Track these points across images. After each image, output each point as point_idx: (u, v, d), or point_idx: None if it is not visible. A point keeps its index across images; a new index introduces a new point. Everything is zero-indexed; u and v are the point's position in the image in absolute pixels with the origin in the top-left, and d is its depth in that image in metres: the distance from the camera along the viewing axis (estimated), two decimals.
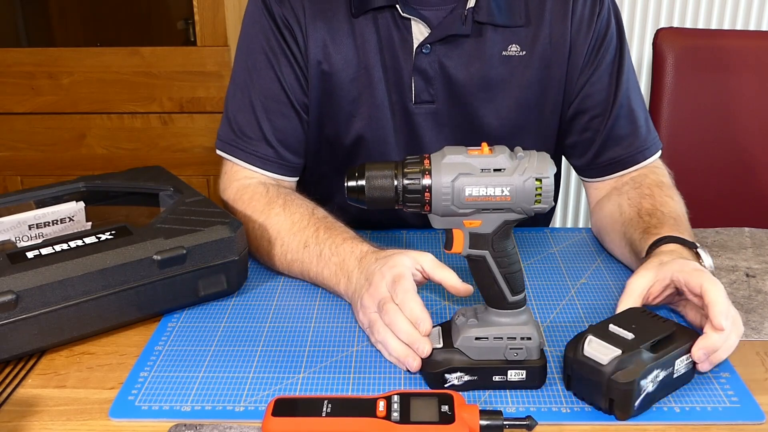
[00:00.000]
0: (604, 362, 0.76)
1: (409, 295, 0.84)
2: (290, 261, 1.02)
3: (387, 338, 0.85)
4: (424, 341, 0.82)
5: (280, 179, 1.15)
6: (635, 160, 1.15)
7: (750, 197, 1.58)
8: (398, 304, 0.84)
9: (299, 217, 1.04)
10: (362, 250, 0.96)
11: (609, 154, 1.15)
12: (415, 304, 0.84)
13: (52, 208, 1.03)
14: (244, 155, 1.13)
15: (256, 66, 1.12)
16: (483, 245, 0.79)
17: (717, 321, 0.80)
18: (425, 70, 1.11)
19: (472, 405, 0.75)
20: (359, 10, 1.10)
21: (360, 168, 0.78)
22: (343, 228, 1.02)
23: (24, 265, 0.86)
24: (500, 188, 0.76)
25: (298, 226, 1.03)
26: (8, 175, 2.17)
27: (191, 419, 0.78)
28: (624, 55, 1.14)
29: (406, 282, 0.85)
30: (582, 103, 1.15)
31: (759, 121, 1.55)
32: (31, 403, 0.81)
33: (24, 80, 2.06)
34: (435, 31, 1.09)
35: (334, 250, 0.98)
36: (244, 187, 1.11)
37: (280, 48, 1.11)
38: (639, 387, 0.76)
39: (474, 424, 0.72)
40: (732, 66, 1.54)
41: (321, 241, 0.99)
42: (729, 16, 2.18)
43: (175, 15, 2.17)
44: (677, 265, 0.88)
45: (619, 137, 1.14)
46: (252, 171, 1.13)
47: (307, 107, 1.14)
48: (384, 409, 0.73)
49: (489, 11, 1.09)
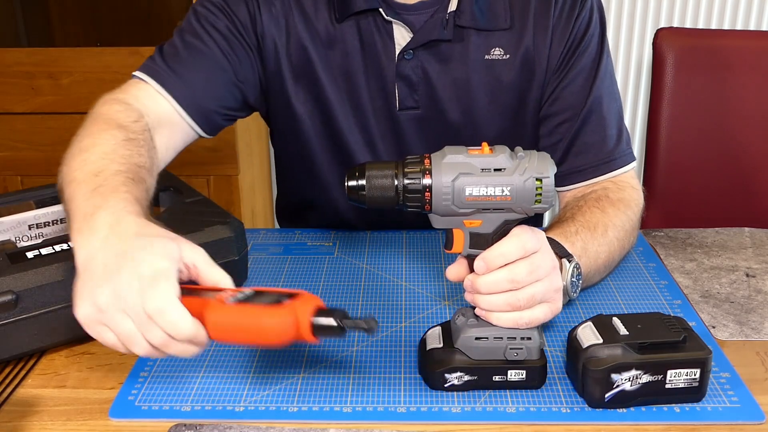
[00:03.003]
0: (584, 346, 0.78)
1: (170, 304, 0.68)
2: (73, 177, 0.84)
3: (133, 339, 0.69)
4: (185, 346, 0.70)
5: (173, 103, 1.04)
6: (599, 170, 1.09)
7: (750, 197, 1.58)
8: (149, 313, 0.68)
9: (128, 153, 0.88)
10: (127, 210, 0.76)
11: (573, 161, 1.11)
12: (179, 316, 0.68)
13: (52, 208, 1.03)
14: (148, 69, 1.06)
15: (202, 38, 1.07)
16: (483, 245, 0.79)
17: (479, 258, 0.78)
18: (408, 76, 1.10)
19: (315, 300, 0.70)
20: (342, 15, 1.08)
21: (360, 168, 0.78)
22: (139, 189, 0.84)
23: (24, 265, 0.86)
24: (500, 188, 0.76)
25: (114, 156, 0.87)
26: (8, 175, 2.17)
27: (191, 419, 0.78)
28: (602, 61, 1.11)
29: (166, 283, 0.68)
30: (551, 106, 1.12)
31: (759, 121, 1.55)
32: (31, 403, 0.81)
33: (24, 80, 2.05)
34: (416, 36, 1.08)
35: (106, 195, 0.78)
36: (124, 102, 1.01)
37: (238, 35, 1.08)
38: (610, 379, 0.76)
39: (304, 316, 0.68)
40: (732, 66, 1.54)
41: (110, 180, 0.81)
42: (729, 16, 2.18)
43: (175, 15, 2.17)
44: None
45: (584, 145, 1.10)
46: (152, 90, 1.04)
47: (244, 90, 1.10)
48: (226, 296, 0.70)
49: (471, 15, 1.07)
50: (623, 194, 1.07)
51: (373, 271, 1.08)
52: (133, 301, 0.68)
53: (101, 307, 0.69)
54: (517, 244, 0.78)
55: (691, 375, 0.78)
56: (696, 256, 1.13)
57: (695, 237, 1.19)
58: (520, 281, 0.78)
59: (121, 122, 0.95)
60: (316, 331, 0.69)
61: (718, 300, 1.00)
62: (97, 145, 0.88)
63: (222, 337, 0.71)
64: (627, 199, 1.06)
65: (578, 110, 1.10)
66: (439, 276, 1.06)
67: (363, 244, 1.16)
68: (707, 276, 1.07)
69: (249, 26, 1.09)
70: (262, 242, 1.18)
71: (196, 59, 1.07)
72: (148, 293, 0.67)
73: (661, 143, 1.55)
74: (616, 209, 1.03)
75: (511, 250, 0.78)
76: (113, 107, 0.99)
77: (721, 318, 0.96)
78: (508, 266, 0.78)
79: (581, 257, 0.92)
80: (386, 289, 1.03)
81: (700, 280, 1.06)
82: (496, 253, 0.78)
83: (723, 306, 0.99)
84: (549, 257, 0.81)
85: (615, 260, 1.02)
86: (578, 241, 0.94)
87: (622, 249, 1.02)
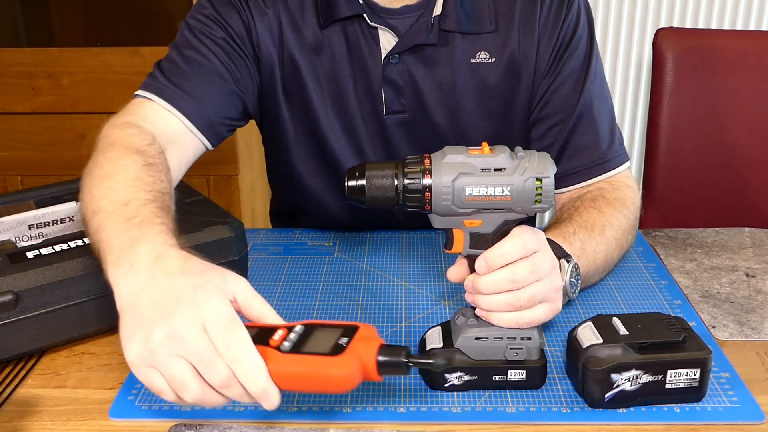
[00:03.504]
0: (584, 346, 0.78)
1: (248, 351, 0.65)
2: (98, 207, 0.80)
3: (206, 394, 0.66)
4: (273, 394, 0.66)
5: (183, 119, 1.03)
6: (593, 172, 1.09)
7: (750, 197, 1.58)
8: (229, 361, 0.64)
9: (151, 180, 0.86)
10: (167, 244, 0.73)
11: (566, 164, 1.11)
12: (258, 367, 0.65)
13: (52, 208, 1.03)
14: (151, 88, 1.04)
15: (199, 50, 1.06)
16: (483, 245, 0.79)
17: (480, 258, 0.78)
18: (395, 81, 1.10)
19: (376, 339, 0.68)
20: (327, 21, 1.08)
21: (360, 167, 0.78)
22: (169, 219, 0.81)
23: (24, 265, 0.86)
24: (500, 188, 0.76)
25: (139, 183, 0.83)
26: (8, 175, 2.17)
27: (191, 419, 0.78)
28: (591, 62, 1.10)
29: (241, 332, 0.65)
30: (542, 109, 1.12)
31: (759, 121, 1.55)
32: (31, 403, 0.81)
33: (24, 80, 2.06)
34: (401, 41, 1.08)
35: (142, 227, 0.75)
36: (136, 125, 0.98)
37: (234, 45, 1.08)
38: (610, 379, 0.76)
39: (369, 358, 0.67)
40: (732, 66, 1.54)
41: (141, 211, 0.78)
42: (729, 16, 2.18)
43: (175, 15, 2.17)
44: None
45: (577, 147, 1.10)
46: (160, 108, 1.02)
47: (245, 98, 1.10)
48: (279, 339, 0.68)
49: (456, 19, 1.07)
50: (619, 193, 1.07)
51: (373, 271, 1.08)
52: (196, 345, 0.64)
53: (153, 350, 0.65)
54: (518, 244, 0.78)
55: (691, 375, 0.78)
56: (696, 256, 1.13)
57: (695, 237, 1.19)
58: (521, 281, 0.78)
59: (138, 147, 0.92)
60: (382, 372, 0.68)
61: (718, 300, 1.00)
62: (120, 172, 0.85)
63: (281, 386, 0.67)
64: (623, 198, 1.06)
65: (570, 113, 1.10)
66: (439, 276, 1.06)
67: (363, 244, 1.16)
68: (707, 276, 1.07)
69: (245, 36, 1.08)
70: (262, 242, 1.18)
71: (199, 73, 1.05)
72: (224, 339, 0.64)
73: (661, 143, 1.55)
74: (612, 209, 1.03)
75: (513, 250, 0.78)
76: (126, 131, 0.96)
77: (721, 318, 0.96)
78: (509, 266, 0.78)
79: (579, 257, 0.92)
80: (386, 289, 1.03)
81: (700, 280, 1.06)
82: (497, 253, 0.78)
83: (723, 306, 0.99)
84: (549, 257, 0.81)
85: (613, 260, 1.02)
86: (576, 242, 0.94)
87: (620, 248, 1.02)
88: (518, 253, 0.78)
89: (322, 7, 1.08)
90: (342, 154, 1.14)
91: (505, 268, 0.78)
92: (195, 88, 1.04)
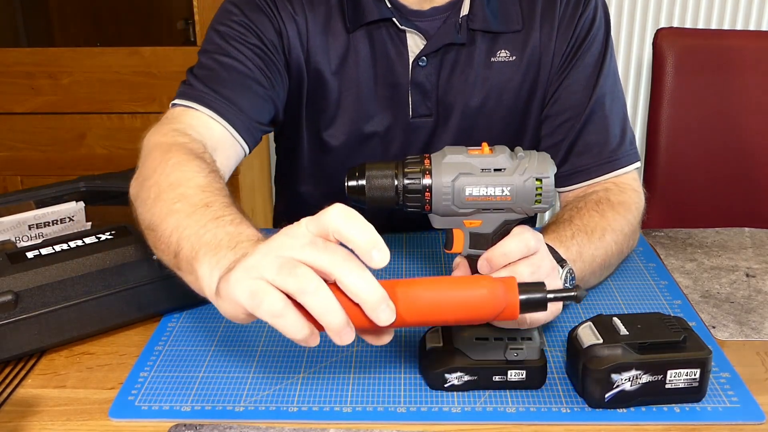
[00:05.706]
0: (584, 346, 0.78)
1: (354, 262, 0.65)
2: (174, 209, 0.80)
3: (322, 299, 0.63)
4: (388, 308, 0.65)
5: (226, 126, 1.02)
6: (601, 170, 1.09)
7: (750, 197, 1.58)
8: (340, 273, 0.64)
9: (220, 186, 0.85)
10: (258, 237, 0.75)
11: (575, 161, 1.10)
12: (364, 271, 0.64)
13: (52, 208, 1.03)
14: (190, 96, 1.02)
15: (230, 53, 1.05)
16: (483, 245, 0.79)
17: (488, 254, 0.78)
18: (422, 84, 1.10)
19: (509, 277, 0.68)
20: (354, 25, 1.08)
21: (360, 167, 0.78)
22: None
23: (24, 265, 0.86)
24: (500, 188, 0.76)
25: (212, 189, 0.83)
26: (8, 175, 2.17)
27: (191, 419, 0.78)
28: (606, 60, 1.10)
29: (340, 249, 0.65)
30: (554, 105, 1.12)
31: (759, 121, 1.55)
32: (31, 403, 0.81)
33: (24, 80, 2.06)
34: (431, 41, 1.08)
35: (236, 224, 0.76)
36: (185, 133, 0.97)
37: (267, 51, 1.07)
38: (610, 379, 0.76)
39: (511, 288, 0.66)
40: (732, 66, 1.54)
41: (227, 212, 0.79)
42: (729, 16, 2.18)
43: (175, 15, 2.17)
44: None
45: (586, 145, 1.10)
46: (203, 116, 1.01)
47: (277, 105, 1.10)
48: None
49: (484, 18, 1.08)
50: (624, 197, 1.06)
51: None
52: (314, 257, 0.65)
53: (262, 272, 0.63)
54: (519, 244, 0.78)
55: (691, 375, 0.78)
56: (696, 256, 1.13)
57: (695, 237, 1.19)
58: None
59: (197, 153, 0.91)
60: (524, 305, 0.66)
61: (718, 300, 1.00)
62: (190, 179, 0.84)
63: (416, 317, 0.64)
64: (628, 203, 1.05)
65: (581, 109, 1.10)
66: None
67: None
68: (707, 276, 1.07)
69: (277, 42, 1.07)
70: None
71: (236, 78, 1.04)
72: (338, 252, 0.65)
73: (661, 143, 1.55)
74: (615, 213, 1.02)
75: (514, 249, 0.78)
76: (178, 139, 0.94)
77: (721, 318, 0.96)
78: (511, 266, 0.78)
79: (576, 261, 0.92)
80: None
81: (700, 280, 1.06)
82: (498, 253, 0.78)
83: (723, 306, 0.99)
84: (549, 257, 0.81)
85: (612, 264, 1.01)
86: (573, 246, 0.94)
87: (620, 252, 1.02)
88: (520, 253, 0.78)
89: (349, 11, 1.08)
90: (367, 159, 1.14)
91: (506, 268, 0.78)
92: (234, 95, 1.03)
